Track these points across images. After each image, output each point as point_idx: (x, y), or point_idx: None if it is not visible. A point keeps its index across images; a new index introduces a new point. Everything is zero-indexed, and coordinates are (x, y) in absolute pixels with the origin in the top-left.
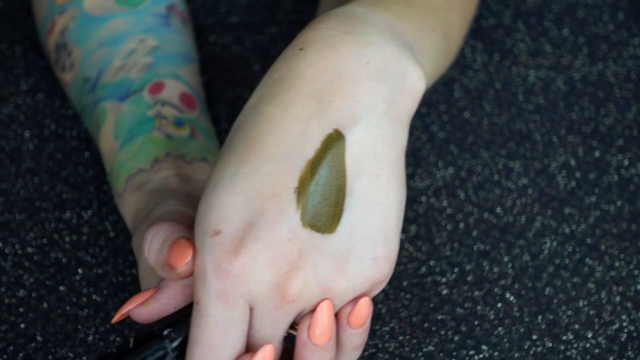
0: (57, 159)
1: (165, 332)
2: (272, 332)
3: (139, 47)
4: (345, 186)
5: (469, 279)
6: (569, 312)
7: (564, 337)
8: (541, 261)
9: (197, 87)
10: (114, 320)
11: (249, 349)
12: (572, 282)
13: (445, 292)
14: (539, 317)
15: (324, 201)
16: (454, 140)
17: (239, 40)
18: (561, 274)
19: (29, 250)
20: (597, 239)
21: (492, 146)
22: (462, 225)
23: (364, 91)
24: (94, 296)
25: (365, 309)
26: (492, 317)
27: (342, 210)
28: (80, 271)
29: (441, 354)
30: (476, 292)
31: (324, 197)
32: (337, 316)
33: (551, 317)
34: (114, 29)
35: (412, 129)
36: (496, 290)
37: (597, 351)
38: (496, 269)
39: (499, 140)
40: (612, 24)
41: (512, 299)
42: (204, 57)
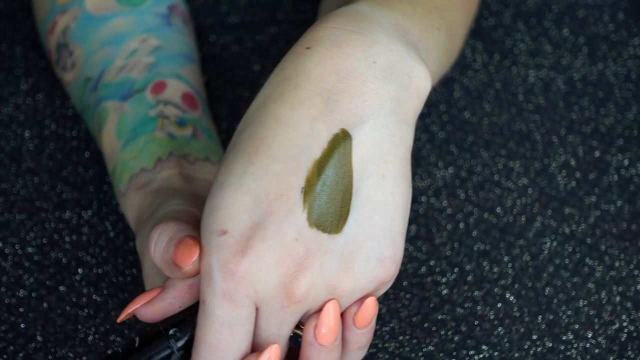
0: (57, 159)
1: (171, 331)
2: (278, 332)
3: (140, 47)
4: (351, 186)
5: (469, 279)
6: (569, 312)
7: (564, 337)
8: (541, 261)
9: (198, 87)
10: (119, 319)
11: (255, 348)
12: (572, 282)
13: (445, 292)
14: (539, 317)
15: (331, 201)
16: (454, 140)
17: (239, 40)
18: (561, 274)
19: (29, 250)
20: (597, 239)
21: (492, 146)
22: (462, 225)
23: (371, 91)
24: (94, 296)
25: (371, 309)
26: (492, 317)
27: (349, 210)
28: (80, 271)
29: (441, 354)
30: (476, 292)
31: (330, 197)
32: (343, 316)
33: (551, 317)
34: (116, 28)
35: None
36: (496, 290)
37: (597, 351)
38: (496, 269)
39: (499, 140)
40: (612, 24)
41: (512, 299)
42: (204, 57)
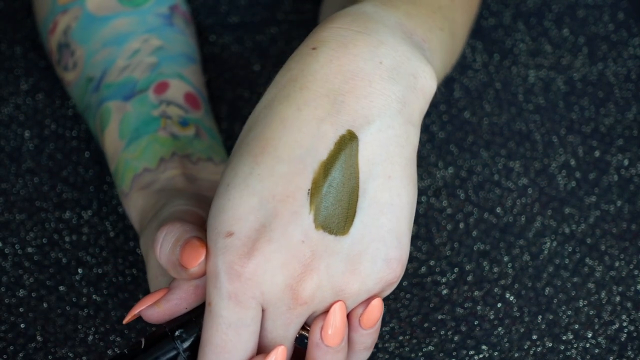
0: (57, 159)
1: (176, 332)
2: (284, 333)
3: (142, 47)
4: (358, 188)
5: (469, 279)
6: (569, 312)
7: (564, 337)
8: (541, 261)
9: (200, 87)
10: (125, 321)
11: (261, 350)
12: (572, 282)
13: (445, 292)
14: (539, 317)
15: (337, 203)
16: (454, 140)
17: (239, 40)
18: (561, 274)
19: (29, 250)
20: (597, 239)
21: (492, 146)
22: (462, 225)
23: (377, 91)
24: (94, 296)
25: (377, 310)
26: (492, 317)
27: (355, 211)
28: (80, 271)
29: (441, 354)
30: (476, 292)
31: (337, 199)
32: (349, 317)
33: (551, 317)
34: (117, 28)
35: None
36: (496, 290)
37: (597, 351)
38: (496, 269)
39: (499, 140)
40: (612, 24)
41: (512, 299)
42: (204, 57)
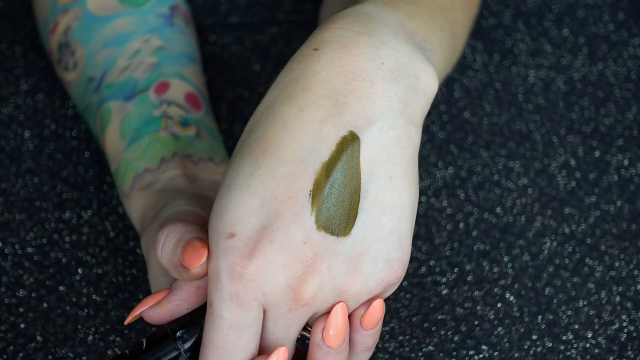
0: (57, 159)
1: (178, 333)
2: (285, 334)
3: (143, 47)
4: (359, 188)
5: (469, 279)
6: (569, 312)
7: (564, 337)
8: (541, 261)
9: (201, 87)
10: (127, 321)
11: (262, 350)
12: (572, 282)
13: (445, 292)
14: (539, 317)
15: (339, 204)
16: (454, 140)
17: (239, 40)
18: (561, 274)
19: (29, 250)
20: (597, 239)
21: (492, 146)
22: (462, 225)
23: (379, 92)
24: (94, 296)
25: (378, 311)
26: (492, 317)
27: (357, 212)
28: (80, 271)
29: (441, 354)
30: (476, 292)
31: (338, 200)
32: (350, 318)
33: (551, 317)
34: (118, 29)
35: None
36: (496, 290)
37: (597, 351)
38: (496, 269)
39: (499, 140)
40: (612, 24)
41: (512, 299)
42: (204, 57)
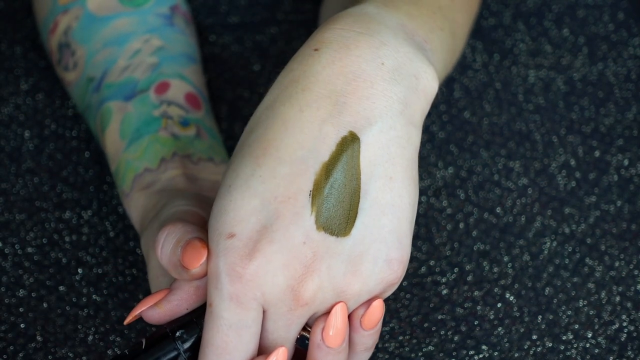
0: (57, 159)
1: (177, 333)
2: (285, 334)
3: (143, 47)
4: (359, 189)
5: (469, 279)
6: (569, 312)
7: (564, 337)
8: (541, 261)
9: (201, 87)
10: (126, 321)
11: (262, 351)
12: (572, 282)
13: (445, 292)
14: (539, 317)
15: (339, 204)
16: (454, 140)
17: (239, 40)
18: (561, 274)
19: (29, 250)
20: (597, 239)
21: (492, 146)
22: (462, 225)
23: (379, 93)
24: (94, 296)
25: (378, 311)
26: (492, 317)
27: (357, 212)
28: (80, 271)
29: (441, 354)
30: (476, 292)
31: (338, 200)
32: (350, 318)
33: (551, 317)
34: (118, 28)
35: None
36: (496, 290)
37: (597, 351)
38: (496, 269)
39: (499, 140)
40: (612, 24)
41: (512, 299)
42: (204, 57)
